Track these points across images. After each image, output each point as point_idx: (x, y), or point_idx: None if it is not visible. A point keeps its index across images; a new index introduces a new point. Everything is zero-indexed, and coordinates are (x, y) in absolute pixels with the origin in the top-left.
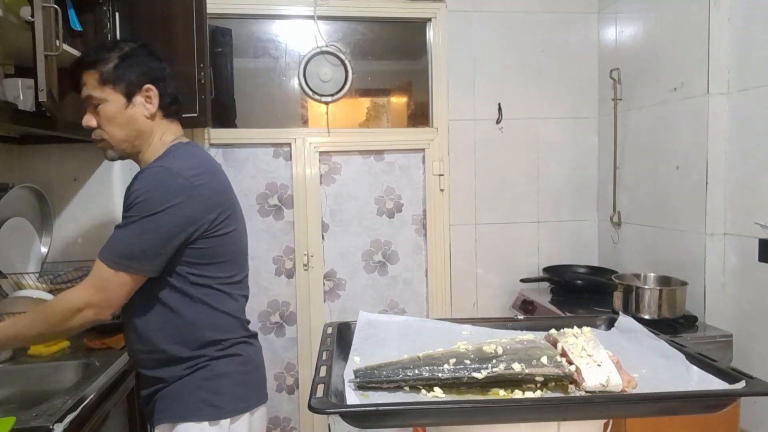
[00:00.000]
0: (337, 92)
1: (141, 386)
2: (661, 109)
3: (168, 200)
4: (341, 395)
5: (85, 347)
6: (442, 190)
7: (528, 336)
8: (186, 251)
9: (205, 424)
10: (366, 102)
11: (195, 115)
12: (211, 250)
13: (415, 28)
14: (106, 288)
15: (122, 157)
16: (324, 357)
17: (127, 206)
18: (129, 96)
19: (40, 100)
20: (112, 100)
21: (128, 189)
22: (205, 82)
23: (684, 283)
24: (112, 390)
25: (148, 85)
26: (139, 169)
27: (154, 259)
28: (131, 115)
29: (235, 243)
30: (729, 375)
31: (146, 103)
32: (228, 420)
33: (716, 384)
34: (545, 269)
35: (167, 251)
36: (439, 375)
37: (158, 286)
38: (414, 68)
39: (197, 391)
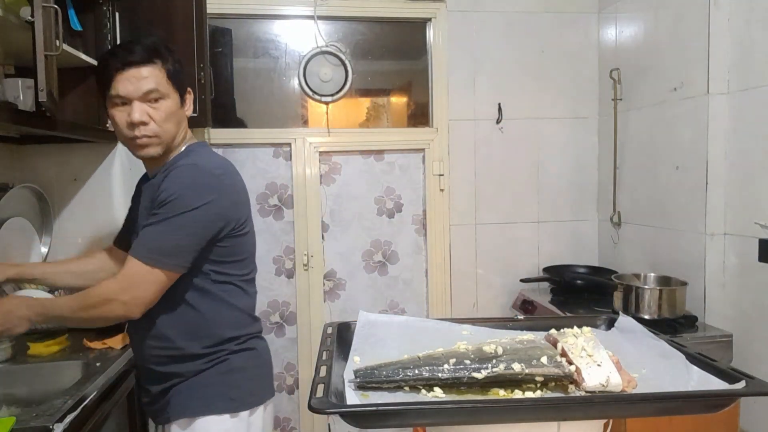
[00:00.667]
0: (337, 92)
1: (150, 382)
2: (661, 109)
3: (202, 197)
4: (341, 395)
5: (85, 347)
6: (442, 190)
7: (528, 336)
8: (213, 249)
9: (226, 416)
10: (366, 102)
11: (195, 115)
12: (234, 248)
13: (415, 28)
14: (136, 285)
15: (158, 155)
16: (324, 357)
17: (160, 203)
18: (182, 96)
19: (40, 100)
20: (173, 97)
21: (157, 186)
22: (205, 82)
23: (684, 283)
24: (112, 390)
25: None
26: (143, 168)
27: (188, 255)
28: (182, 114)
29: (252, 242)
30: (729, 375)
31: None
32: (247, 412)
33: (716, 384)
34: (545, 269)
35: (199, 247)
36: (439, 375)
37: (179, 284)
38: (414, 68)
39: (216, 385)
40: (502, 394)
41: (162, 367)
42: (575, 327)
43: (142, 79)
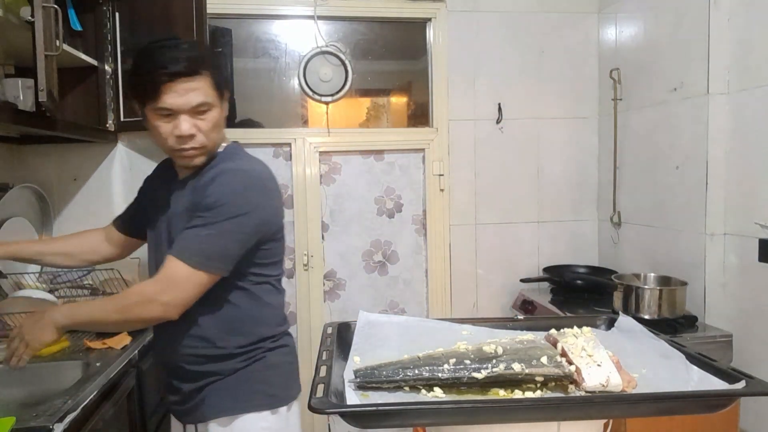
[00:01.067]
0: (337, 92)
1: (182, 381)
2: (661, 109)
3: (250, 203)
4: (341, 395)
5: (85, 347)
6: (442, 190)
7: (528, 336)
8: (258, 252)
9: (266, 413)
10: (366, 102)
11: None
12: (273, 250)
13: (415, 28)
14: (178, 287)
15: (202, 164)
16: (324, 357)
17: (207, 207)
18: (222, 101)
19: (40, 100)
20: (218, 105)
21: (201, 188)
22: None
23: (684, 283)
24: (112, 390)
25: (226, 90)
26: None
27: (232, 260)
28: (223, 119)
29: (284, 243)
30: (729, 375)
31: (225, 106)
32: (285, 407)
33: (716, 384)
34: (545, 269)
35: (243, 252)
36: (439, 375)
37: (222, 285)
38: (414, 68)
39: (254, 382)
40: (502, 394)
41: (198, 366)
42: (575, 327)
43: (191, 91)
